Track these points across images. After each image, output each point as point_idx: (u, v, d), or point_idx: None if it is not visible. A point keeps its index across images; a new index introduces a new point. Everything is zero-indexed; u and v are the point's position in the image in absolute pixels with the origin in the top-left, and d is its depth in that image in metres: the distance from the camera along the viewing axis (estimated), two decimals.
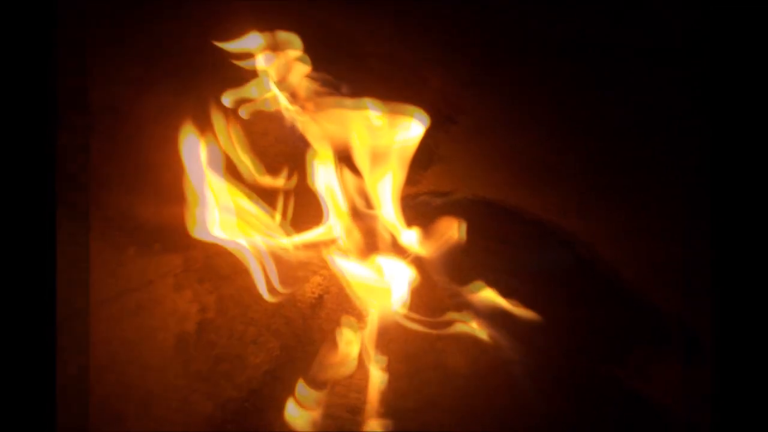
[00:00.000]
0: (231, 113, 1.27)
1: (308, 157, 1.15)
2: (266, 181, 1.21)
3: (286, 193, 1.20)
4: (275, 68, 1.34)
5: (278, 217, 1.15)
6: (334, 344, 0.99)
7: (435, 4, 2.00)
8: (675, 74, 1.85)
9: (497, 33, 1.99)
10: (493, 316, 1.03)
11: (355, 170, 1.15)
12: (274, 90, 1.32)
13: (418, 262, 1.08)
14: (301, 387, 0.94)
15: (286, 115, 1.30)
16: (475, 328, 1.01)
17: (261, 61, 1.34)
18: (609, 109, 1.73)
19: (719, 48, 0.87)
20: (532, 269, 1.17)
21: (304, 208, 1.20)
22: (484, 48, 1.93)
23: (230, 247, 1.06)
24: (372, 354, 0.97)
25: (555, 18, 2.03)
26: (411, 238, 1.11)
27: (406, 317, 1.01)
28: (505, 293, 1.06)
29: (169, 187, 1.12)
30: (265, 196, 1.19)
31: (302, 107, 1.30)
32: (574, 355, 1.02)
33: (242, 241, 1.05)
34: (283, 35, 1.37)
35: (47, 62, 0.83)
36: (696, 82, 1.75)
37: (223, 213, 1.07)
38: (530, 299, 1.06)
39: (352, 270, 1.03)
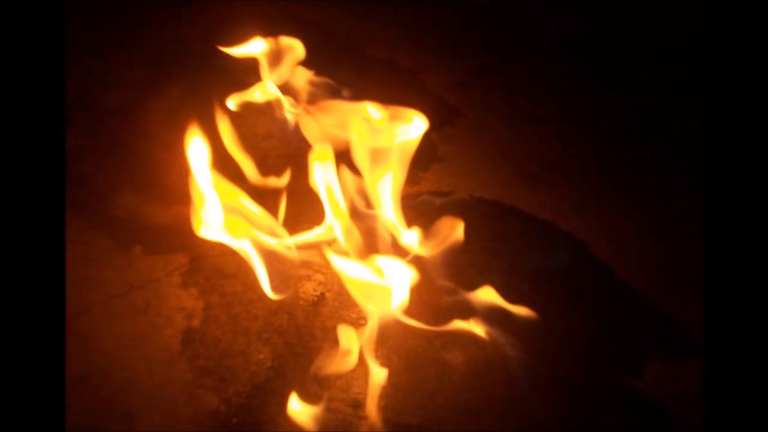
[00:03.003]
0: (235, 116, 1.28)
1: (309, 157, 1.14)
2: (269, 181, 1.21)
3: (283, 194, 1.19)
4: (277, 71, 1.35)
5: (280, 216, 1.15)
6: (335, 341, 0.99)
7: (435, 5, 1.99)
8: (675, 74, 1.85)
9: (497, 33, 1.98)
10: (492, 315, 1.03)
11: (354, 170, 1.14)
12: (277, 92, 1.32)
13: (418, 262, 1.07)
14: (303, 383, 0.94)
15: (288, 117, 1.31)
16: (474, 327, 1.00)
17: (264, 65, 1.35)
18: (609, 109, 1.73)
19: (719, 48, 0.84)
20: (532, 268, 1.17)
21: (305, 208, 1.20)
22: (484, 48, 1.92)
23: (234, 246, 1.06)
24: (372, 351, 0.97)
25: (555, 18, 2.02)
26: (411, 238, 1.11)
27: (406, 316, 1.00)
28: (505, 292, 1.05)
29: (175, 187, 1.14)
30: (267, 197, 1.20)
31: (304, 109, 1.30)
32: (573, 354, 1.02)
33: (245, 241, 1.05)
34: (286, 40, 1.37)
35: (55, 66, 0.84)
36: (696, 82, 1.74)
37: (228, 213, 1.07)
38: (530, 298, 1.06)
39: (352, 270, 1.02)
